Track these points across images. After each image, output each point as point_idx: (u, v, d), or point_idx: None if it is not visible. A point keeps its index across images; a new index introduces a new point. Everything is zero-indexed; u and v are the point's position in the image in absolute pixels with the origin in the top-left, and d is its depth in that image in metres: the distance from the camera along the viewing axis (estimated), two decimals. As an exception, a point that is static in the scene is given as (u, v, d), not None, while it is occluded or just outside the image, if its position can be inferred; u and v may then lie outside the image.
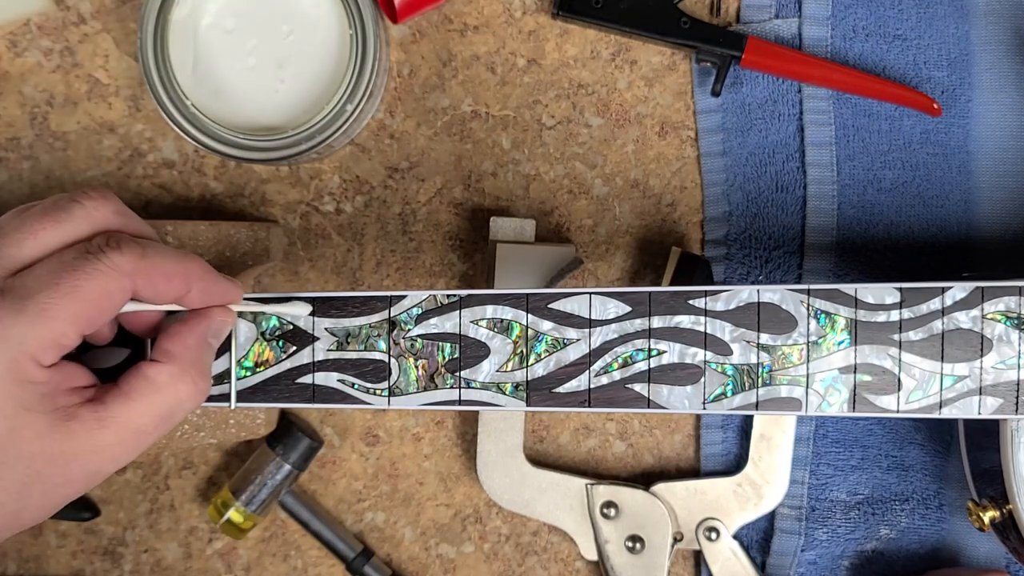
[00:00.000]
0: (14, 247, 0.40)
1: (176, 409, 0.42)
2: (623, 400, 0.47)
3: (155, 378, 0.42)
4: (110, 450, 0.41)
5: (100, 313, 0.40)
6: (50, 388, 0.39)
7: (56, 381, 0.40)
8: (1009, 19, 0.59)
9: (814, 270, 0.60)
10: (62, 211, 0.41)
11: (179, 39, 0.55)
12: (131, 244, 0.41)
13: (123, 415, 0.41)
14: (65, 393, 0.40)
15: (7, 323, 0.38)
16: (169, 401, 0.42)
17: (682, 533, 0.59)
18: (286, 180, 0.61)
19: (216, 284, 0.44)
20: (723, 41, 0.58)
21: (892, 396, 0.46)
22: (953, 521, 0.60)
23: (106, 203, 0.42)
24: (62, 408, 0.40)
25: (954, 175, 0.60)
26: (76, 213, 0.41)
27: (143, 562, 0.61)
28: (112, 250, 0.40)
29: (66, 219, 0.41)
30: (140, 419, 0.41)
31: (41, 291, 0.38)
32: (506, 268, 0.57)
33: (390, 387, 0.47)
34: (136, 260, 0.40)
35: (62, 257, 0.40)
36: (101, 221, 0.42)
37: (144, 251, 0.41)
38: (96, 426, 0.40)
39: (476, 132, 0.61)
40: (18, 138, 0.60)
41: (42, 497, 0.40)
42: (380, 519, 0.62)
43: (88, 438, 0.40)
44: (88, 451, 0.40)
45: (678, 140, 0.61)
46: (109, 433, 0.40)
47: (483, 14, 0.60)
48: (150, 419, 0.41)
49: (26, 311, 0.38)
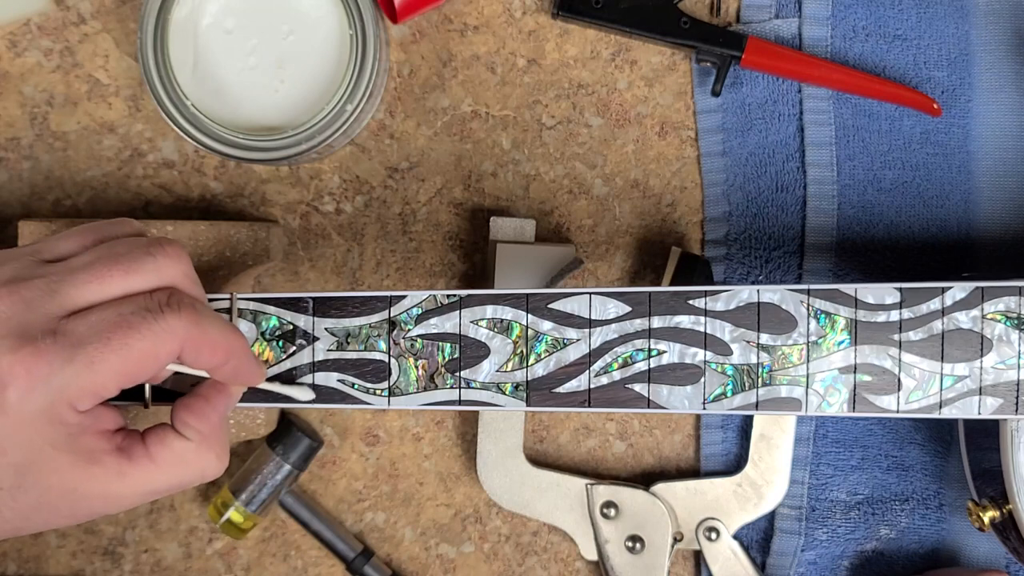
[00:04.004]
0: (77, 288, 0.40)
1: (197, 481, 0.43)
2: (623, 400, 0.47)
3: (183, 454, 0.42)
4: (120, 500, 0.41)
5: (145, 372, 0.40)
6: (80, 430, 0.40)
7: (87, 424, 0.40)
8: (1009, 19, 0.59)
9: (814, 270, 0.60)
10: (134, 262, 0.41)
11: (179, 39, 0.55)
12: (189, 309, 0.41)
13: (144, 476, 0.42)
14: (93, 436, 0.41)
15: (55, 368, 0.38)
16: (192, 474, 0.43)
17: (682, 533, 0.59)
18: (286, 180, 0.61)
19: (249, 365, 0.45)
20: (723, 41, 0.58)
21: (892, 396, 0.46)
22: (953, 521, 0.60)
23: (179, 264, 0.42)
24: (88, 451, 0.40)
25: (954, 175, 0.60)
26: (147, 267, 0.41)
27: (143, 562, 0.61)
28: (171, 312, 0.40)
29: (136, 271, 0.41)
30: (158, 484, 0.42)
31: (92, 343, 0.39)
32: (506, 268, 0.57)
33: (390, 387, 0.47)
34: (191, 326, 0.41)
35: (120, 309, 0.40)
36: (168, 278, 0.42)
37: (199, 318, 0.41)
38: (116, 478, 0.41)
39: (476, 132, 0.61)
40: (18, 138, 0.60)
41: (44, 522, 0.41)
42: (380, 519, 0.62)
43: (105, 485, 0.41)
44: (101, 496, 0.41)
45: (678, 140, 0.61)
46: (126, 487, 0.41)
47: (483, 14, 0.60)
48: (167, 486, 0.43)
49: (74, 361, 0.38)
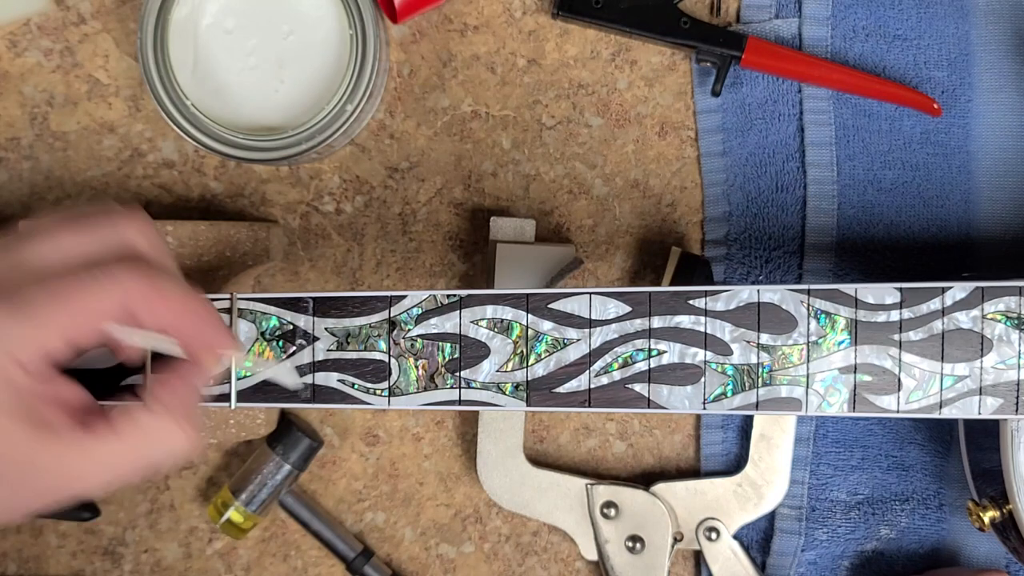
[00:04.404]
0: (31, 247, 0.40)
1: (163, 458, 0.41)
2: (623, 400, 0.47)
3: (146, 426, 0.41)
4: (81, 479, 0.40)
5: (90, 325, 0.39)
6: (32, 396, 0.39)
7: (40, 390, 0.39)
8: (1009, 19, 0.59)
9: (814, 270, 0.60)
10: (89, 221, 0.41)
11: (179, 39, 0.55)
12: (139, 263, 0.40)
13: (104, 451, 0.40)
14: (50, 406, 0.39)
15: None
16: (157, 450, 0.41)
17: (682, 533, 0.59)
18: (286, 180, 0.61)
19: (214, 324, 0.43)
20: (723, 41, 0.58)
21: (892, 396, 0.46)
22: (953, 521, 0.60)
23: (133, 222, 0.42)
24: (43, 420, 0.39)
25: (954, 175, 0.60)
26: (103, 227, 0.41)
27: (143, 562, 0.61)
28: (119, 265, 0.40)
29: (89, 229, 0.40)
30: (121, 460, 0.40)
31: (35, 296, 0.38)
32: (506, 268, 0.57)
33: (390, 387, 0.47)
34: (140, 278, 0.40)
35: (68, 264, 0.39)
36: (126, 239, 0.41)
37: (151, 272, 0.40)
38: (74, 451, 0.39)
39: (476, 132, 0.61)
40: (18, 138, 0.60)
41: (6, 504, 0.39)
42: (380, 519, 0.62)
43: (62, 459, 0.39)
44: (58, 471, 0.39)
45: (678, 140, 0.61)
46: (85, 462, 0.39)
47: (483, 14, 0.60)
48: (131, 462, 0.41)
49: (16, 314, 0.38)
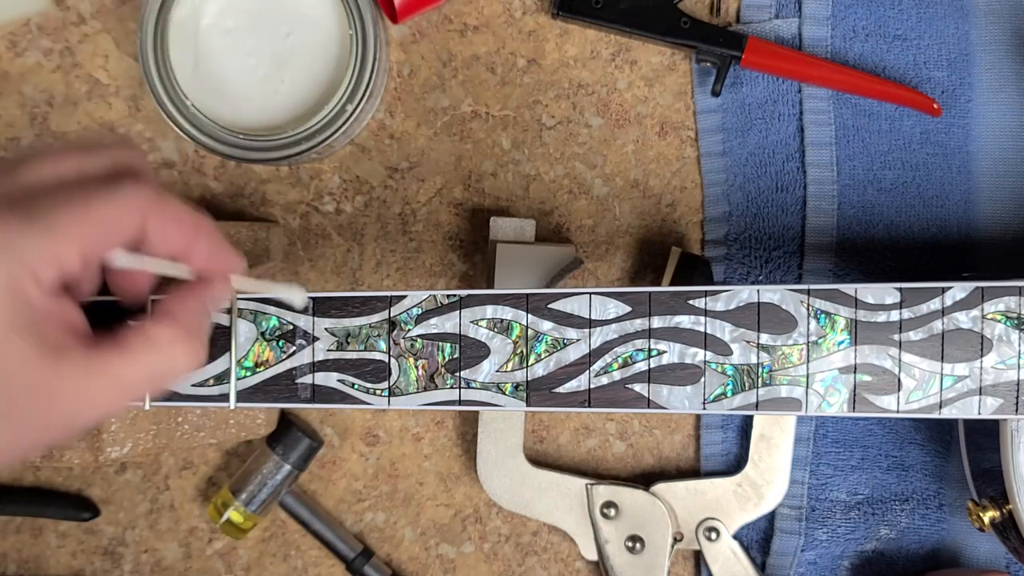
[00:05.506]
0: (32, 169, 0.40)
1: (170, 372, 0.41)
2: (623, 400, 0.47)
3: (156, 337, 0.41)
4: (94, 398, 0.39)
5: (106, 239, 0.39)
6: (44, 316, 0.38)
7: (51, 311, 0.38)
8: (1009, 19, 0.59)
9: (814, 270, 0.60)
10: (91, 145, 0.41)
11: (179, 39, 0.55)
12: (149, 180, 0.41)
13: (115, 366, 0.39)
14: (59, 327, 0.39)
15: (12, 234, 0.37)
16: (165, 362, 0.41)
17: (682, 533, 0.59)
18: (286, 180, 0.61)
19: (223, 247, 0.44)
20: (723, 41, 0.58)
21: (892, 396, 0.46)
22: (953, 521, 0.60)
23: (130, 149, 0.43)
24: (53, 341, 0.38)
25: (954, 175, 0.60)
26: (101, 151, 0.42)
27: (143, 562, 0.61)
28: (130, 182, 0.40)
29: (89, 153, 0.41)
30: (132, 374, 0.40)
31: (50, 207, 0.38)
32: (506, 268, 0.57)
33: (390, 387, 0.47)
34: (151, 196, 0.40)
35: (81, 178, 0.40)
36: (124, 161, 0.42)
37: (161, 192, 0.41)
38: (85, 369, 0.39)
39: (476, 132, 0.61)
40: (18, 138, 0.60)
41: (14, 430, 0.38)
42: (380, 519, 0.62)
43: (74, 379, 0.38)
44: (71, 393, 0.39)
45: (678, 140, 0.61)
46: (97, 380, 0.39)
47: (483, 14, 0.60)
48: (141, 377, 0.40)
49: (33, 224, 0.37)
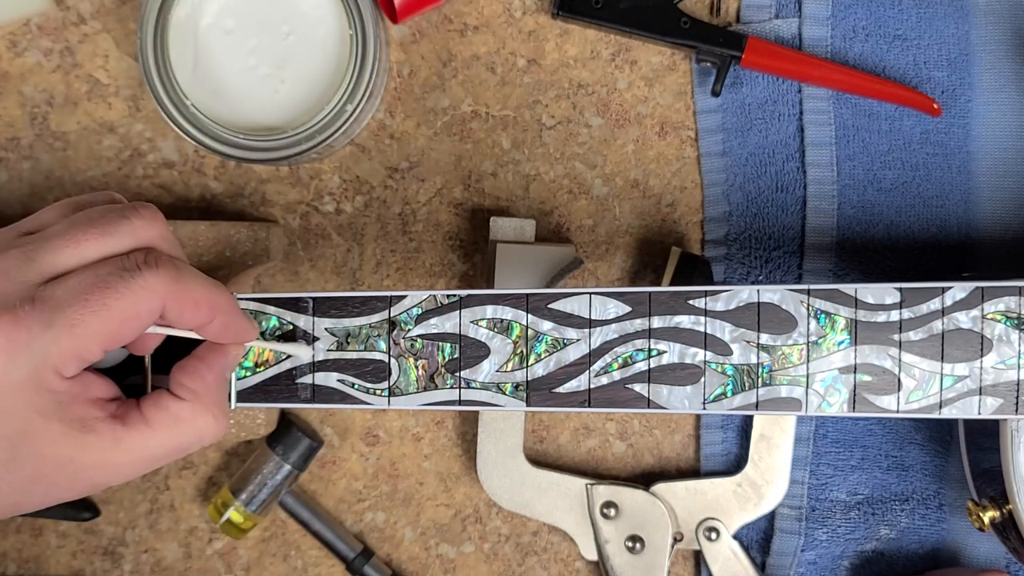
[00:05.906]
0: (53, 254, 0.40)
1: (195, 444, 0.43)
2: (623, 400, 0.47)
3: (178, 414, 0.42)
4: (120, 469, 0.41)
5: (127, 332, 0.40)
6: (69, 397, 0.40)
7: (76, 392, 0.40)
8: (1009, 19, 0.59)
9: (814, 270, 0.60)
10: (109, 224, 0.41)
11: (179, 39, 0.54)
12: (168, 265, 0.41)
13: (140, 442, 0.41)
14: (84, 404, 0.40)
15: (34, 334, 0.38)
16: (189, 436, 0.43)
17: (682, 533, 0.59)
18: (286, 180, 0.61)
19: (238, 320, 0.44)
20: (723, 41, 0.58)
21: (892, 396, 0.46)
22: (953, 521, 0.60)
23: (154, 224, 0.42)
24: (80, 419, 0.40)
25: (954, 175, 0.60)
26: (122, 229, 0.41)
27: (143, 562, 0.61)
28: (148, 269, 0.40)
29: (111, 233, 0.41)
30: (156, 449, 0.42)
31: (71, 306, 0.38)
32: (506, 268, 0.57)
33: (390, 387, 0.47)
34: (170, 283, 0.40)
35: (97, 271, 0.40)
36: (144, 240, 0.42)
37: (179, 274, 0.41)
38: (112, 445, 0.41)
39: (476, 132, 0.61)
40: (18, 138, 0.60)
41: (44, 496, 0.41)
42: (380, 519, 0.62)
43: (101, 453, 0.40)
44: (98, 465, 0.41)
45: (678, 140, 0.61)
46: (123, 453, 0.41)
47: (483, 14, 0.60)
48: (165, 450, 0.42)
49: (54, 325, 0.38)
